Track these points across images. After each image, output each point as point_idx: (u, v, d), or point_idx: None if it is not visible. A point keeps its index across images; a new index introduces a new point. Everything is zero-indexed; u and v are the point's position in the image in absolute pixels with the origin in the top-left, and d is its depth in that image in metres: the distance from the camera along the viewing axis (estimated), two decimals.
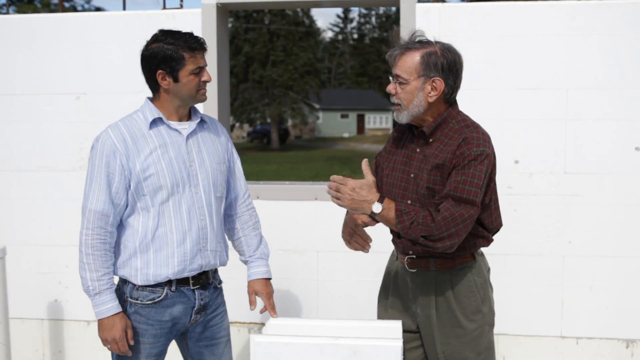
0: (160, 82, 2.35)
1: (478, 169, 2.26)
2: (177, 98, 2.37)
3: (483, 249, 2.54)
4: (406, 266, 2.48)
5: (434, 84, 2.31)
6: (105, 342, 2.36)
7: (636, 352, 3.52)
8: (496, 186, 2.41)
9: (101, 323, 2.34)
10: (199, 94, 2.38)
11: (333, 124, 45.34)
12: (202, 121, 2.49)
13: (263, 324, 2.38)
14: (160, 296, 2.38)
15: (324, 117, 45.21)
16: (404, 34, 2.44)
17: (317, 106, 41.74)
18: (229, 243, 2.67)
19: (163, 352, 2.49)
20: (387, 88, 2.39)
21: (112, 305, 2.34)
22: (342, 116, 46.12)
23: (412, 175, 2.40)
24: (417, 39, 2.37)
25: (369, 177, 2.30)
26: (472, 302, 2.45)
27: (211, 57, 3.66)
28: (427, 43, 2.35)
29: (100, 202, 2.33)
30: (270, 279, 2.63)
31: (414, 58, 2.30)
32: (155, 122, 2.37)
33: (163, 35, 2.35)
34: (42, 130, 3.82)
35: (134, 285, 2.38)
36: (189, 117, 2.45)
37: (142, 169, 2.31)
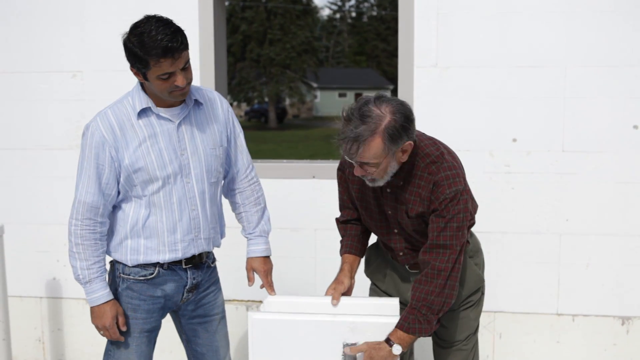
0: (135, 76, 2.28)
1: (455, 209, 2.23)
2: (153, 93, 2.30)
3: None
4: (407, 268, 2.52)
5: (403, 148, 2.20)
6: (97, 328, 2.39)
7: (631, 329, 3.54)
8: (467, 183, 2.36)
9: (92, 310, 2.37)
10: (172, 95, 2.25)
11: (331, 102, 45.09)
12: (197, 103, 2.40)
13: (261, 302, 2.39)
14: (152, 273, 2.40)
15: (321, 96, 44.97)
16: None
17: (314, 85, 41.55)
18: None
19: (156, 328, 2.49)
20: (354, 172, 2.23)
21: (102, 294, 2.35)
22: (340, 95, 45.85)
23: (389, 212, 2.38)
24: (364, 113, 2.13)
25: (363, 348, 2.23)
26: (475, 282, 2.51)
27: (208, 36, 3.64)
28: (374, 117, 2.12)
29: (89, 194, 2.31)
30: (268, 256, 2.63)
31: (377, 143, 2.13)
32: (144, 112, 2.30)
33: (139, 29, 2.19)
34: (38, 108, 3.80)
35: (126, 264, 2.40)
36: (182, 101, 2.35)
37: (131, 162, 2.28)
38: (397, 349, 2.21)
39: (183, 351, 2.67)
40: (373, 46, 47.67)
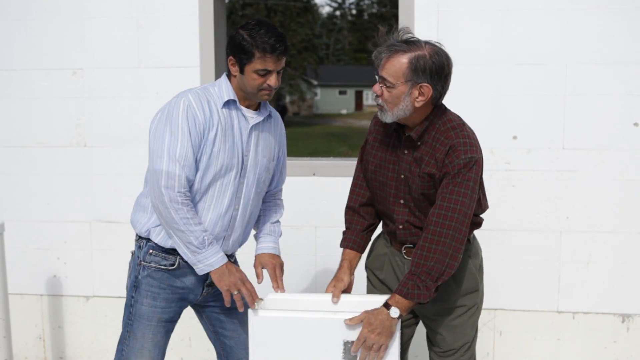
0: (230, 67, 2.35)
1: (467, 177, 2.24)
2: (241, 88, 2.36)
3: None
4: (404, 255, 2.48)
5: (421, 89, 2.22)
6: (232, 288, 2.33)
7: (632, 326, 3.55)
8: (482, 178, 2.39)
9: (221, 271, 2.33)
10: (260, 94, 2.35)
11: (331, 100, 45.12)
12: (269, 115, 2.49)
13: (262, 299, 2.39)
14: (172, 264, 2.40)
15: (322, 93, 44.97)
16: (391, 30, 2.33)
17: (315, 82, 41.52)
18: None
19: (174, 319, 2.50)
20: (373, 88, 2.30)
21: (222, 254, 2.35)
22: (340, 92, 45.86)
23: (402, 177, 2.37)
24: (405, 38, 2.26)
25: (361, 317, 2.24)
26: (471, 284, 2.47)
27: (208, 33, 3.64)
28: (415, 44, 2.23)
29: (183, 160, 2.26)
30: (278, 255, 2.63)
31: (401, 62, 2.21)
32: (227, 103, 2.36)
33: (253, 25, 2.32)
34: (38, 106, 3.80)
35: (148, 249, 2.40)
36: (256, 107, 2.44)
37: (210, 144, 2.30)
38: (394, 312, 2.21)
39: (182, 350, 2.68)
40: (373, 44, 47.57)
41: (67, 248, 3.87)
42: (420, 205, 2.36)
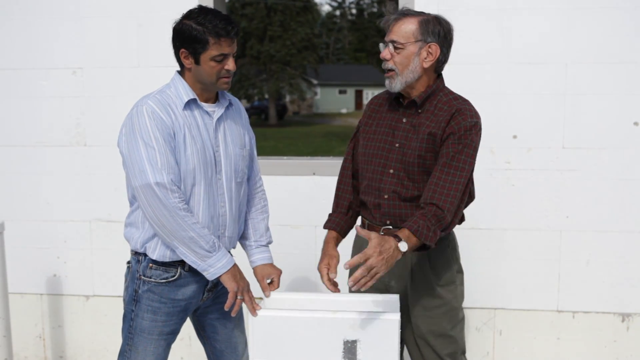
0: (183, 61, 2.30)
1: (473, 139, 2.32)
2: (197, 81, 2.32)
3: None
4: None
5: (429, 49, 2.33)
6: (239, 292, 2.32)
7: (632, 325, 3.55)
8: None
9: (234, 273, 2.32)
10: (220, 82, 2.30)
11: (331, 99, 45.13)
12: (230, 104, 2.45)
13: (261, 299, 2.39)
14: (174, 276, 2.37)
15: (321, 92, 44.98)
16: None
17: (315, 82, 41.53)
18: None
19: (176, 331, 2.47)
20: (381, 54, 2.39)
21: (230, 255, 2.35)
22: (340, 92, 45.88)
23: (397, 145, 2.41)
24: (416, 11, 2.40)
25: (372, 235, 2.18)
26: (448, 274, 2.49)
27: None
28: (423, 13, 2.39)
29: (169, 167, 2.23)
30: (275, 265, 2.62)
31: (411, 24, 2.34)
32: (188, 104, 2.31)
33: (197, 13, 2.26)
34: (38, 105, 3.80)
35: (148, 264, 2.36)
36: (215, 99, 2.40)
37: (178, 150, 2.26)
38: (403, 246, 2.17)
39: (181, 349, 2.68)
40: (373, 43, 47.60)
41: (67, 247, 3.87)
42: (412, 172, 2.38)
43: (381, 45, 2.40)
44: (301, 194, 3.69)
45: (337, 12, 52.40)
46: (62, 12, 3.72)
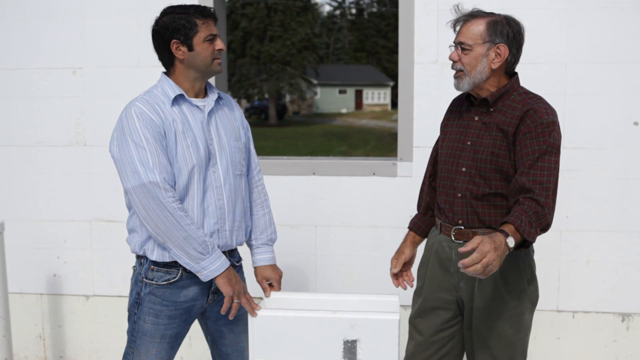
0: (175, 53, 2.30)
1: (552, 136, 2.27)
2: (192, 69, 2.33)
3: None
4: (452, 238, 2.45)
5: (498, 50, 2.32)
6: (235, 296, 2.32)
7: (632, 325, 3.55)
8: None
9: (228, 276, 2.30)
10: (215, 64, 2.34)
11: (331, 99, 45.11)
12: (219, 97, 2.45)
13: (261, 299, 2.39)
14: (175, 277, 2.36)
15: (321, 92, 44.95)
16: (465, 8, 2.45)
17: (315, 82, 41.51)
18: None
19: (180, 334, 2.45)
20: (449, 56, 2.38)
21: (225, 258, 2.32)
22: (340, 92, 45.86)
23: (468, 143, 2.40)
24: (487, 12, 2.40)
25: (475, 237, 2.07)
26: (518, 281, 2.42)
27: None
28: (492, 13, 2.38)
29: (162, 167, 2.24)
30: (277, 267, 2.60)
31: (479, 25, 2.33)
32: (176, 100, 2.32)
33: (172, 8, 2.32)
34: (38, 105, 3.80)
35: (149, 266, 2.35)
36: (204, 94, 2.41)
37: (171, 148, 2.27)
38: (511, 241, 2.09)
39: (182, 349, 2.67)
40: (373, 43, 47.63)
41: (67, 247, 3.87)
42: (484, 170, 2.35)
43: (450, 47, 2.40)
44: (301, 193, 3.69)
45: (337, 12, 52.40)
46: (62, 12, 3.72)
